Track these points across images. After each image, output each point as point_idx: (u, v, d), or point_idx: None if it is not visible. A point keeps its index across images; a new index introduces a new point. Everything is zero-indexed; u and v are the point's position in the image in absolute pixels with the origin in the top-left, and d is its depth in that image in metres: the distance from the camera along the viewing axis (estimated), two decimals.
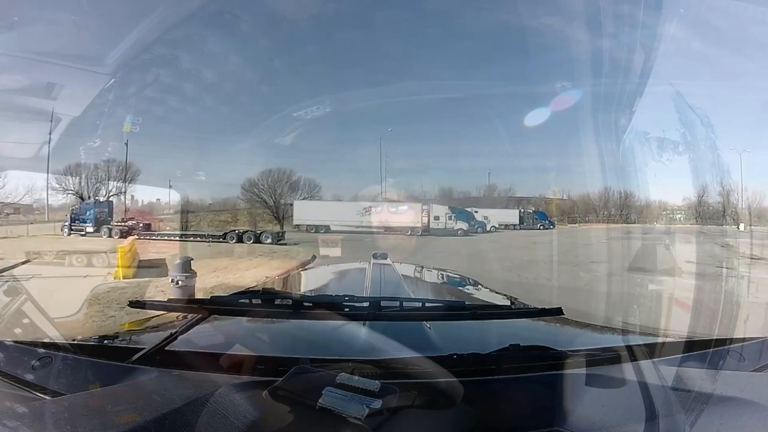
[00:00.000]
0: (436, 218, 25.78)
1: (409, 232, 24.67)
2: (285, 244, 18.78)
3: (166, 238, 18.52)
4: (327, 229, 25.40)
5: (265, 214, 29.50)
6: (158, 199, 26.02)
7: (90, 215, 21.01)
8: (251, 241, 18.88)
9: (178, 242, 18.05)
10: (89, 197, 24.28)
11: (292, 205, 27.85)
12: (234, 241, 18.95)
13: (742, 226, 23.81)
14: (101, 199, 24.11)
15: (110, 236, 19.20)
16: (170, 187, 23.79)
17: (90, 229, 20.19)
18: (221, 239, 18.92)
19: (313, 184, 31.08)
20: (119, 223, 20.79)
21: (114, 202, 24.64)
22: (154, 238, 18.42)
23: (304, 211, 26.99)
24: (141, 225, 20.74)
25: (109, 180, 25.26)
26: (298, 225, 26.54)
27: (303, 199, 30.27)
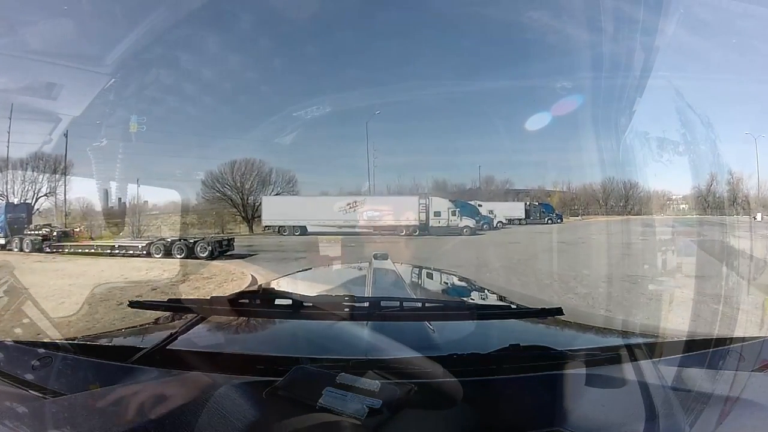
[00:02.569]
0: (437, 214, 21.56)
1: (404, 232, 20.64)
2: (231, 256, 13.98)
3: (80, 251, 14.84)
4: (303, 231, 21.13)
5: (237, 215, 25.30)
6: (119, 200, 20.81)
7: (0, 222, 16.27)
8: (182, 255, 13.69)
9: (88, 256, 13.99)
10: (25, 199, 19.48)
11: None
12: (160, 254, 13.85)
13: (759, 216, 22.77)
14: (15, 202, 19.34)
15: (21, 248, 15.40)
16: (138, 185, 20.24)
17: (2, 241, 15.91)
18: (144, 253, 14.02)
19: (288, 178, 26.19)
20: (32, 232, 16.45)
21: (52, 204, 19.75)
22: (66, 251, 14.92)
23: (274, 209, 22.17)
24: (56, 234, 16.45)
25: (42, 178, 20.76)
26: (268, 226, 22.19)
27: (276, 194, 25.34)
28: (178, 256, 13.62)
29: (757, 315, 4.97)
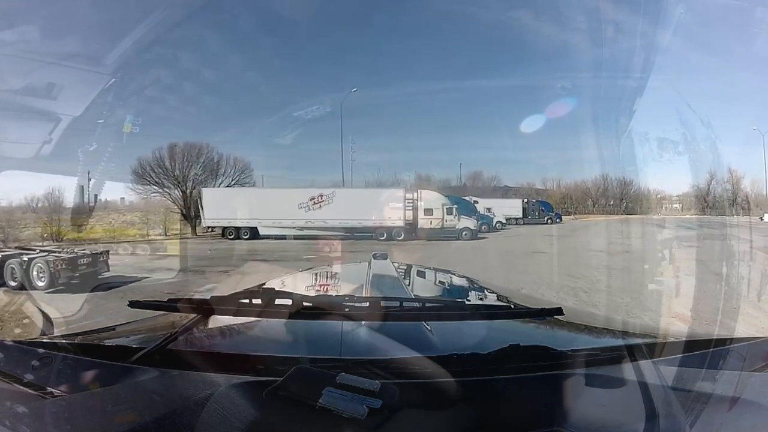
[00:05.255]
0: (428, 212, 17.34)
1: (384, 236, 16.33)
2: (89, 286, 8.22)
3: None
4: (254, 234, 16.54)
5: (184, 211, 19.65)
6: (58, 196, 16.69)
7: None
8: (16, 282, 8.36)
9: None
10: None
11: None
12: None
13: (766, 217, 22.20)
14: None
15: None
16: (90, 180, 16.14)
17: None
18: None
19: (242, 165, 20.44)
20: None
21: None
22: None
23: (218, 206, 17.15)
24: None
25: None
26: (211, 227, 17.42)
27: (227, 186, 19.99)
28: (11, 284, 8.41)
29: None
